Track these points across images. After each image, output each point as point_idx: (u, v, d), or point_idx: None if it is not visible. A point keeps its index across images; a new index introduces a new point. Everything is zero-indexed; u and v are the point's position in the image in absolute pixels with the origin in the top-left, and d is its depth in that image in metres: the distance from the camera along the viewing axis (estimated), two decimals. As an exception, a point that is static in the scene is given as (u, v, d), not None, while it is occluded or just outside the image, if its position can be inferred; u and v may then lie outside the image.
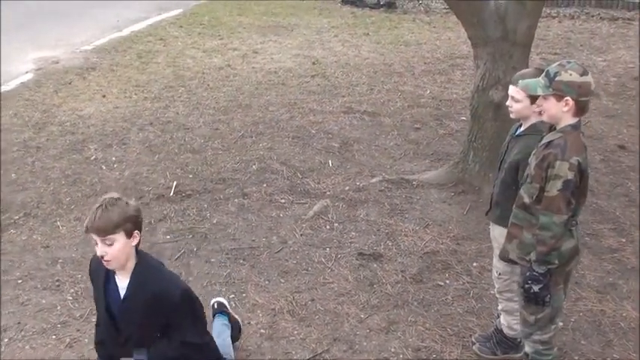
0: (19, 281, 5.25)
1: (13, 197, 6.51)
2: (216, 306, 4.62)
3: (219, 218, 6.16)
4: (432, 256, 5.65)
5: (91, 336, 4.61)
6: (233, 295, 5.10)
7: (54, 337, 4.66)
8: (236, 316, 4.62)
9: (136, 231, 3.54)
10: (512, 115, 4.19)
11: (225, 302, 4.69)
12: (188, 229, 5.98)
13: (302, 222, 6.12)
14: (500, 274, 4.34)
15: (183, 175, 6.98)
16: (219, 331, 4.37)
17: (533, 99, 3.97)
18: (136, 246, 3.59)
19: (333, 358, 4.50)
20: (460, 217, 6.24)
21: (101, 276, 3.64)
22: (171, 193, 6.59)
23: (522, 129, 4.16)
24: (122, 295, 3.60)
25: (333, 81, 10.25)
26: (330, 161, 7.38)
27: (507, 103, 4.16)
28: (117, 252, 3.48)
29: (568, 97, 3.58)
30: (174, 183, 6.77)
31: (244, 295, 5.12)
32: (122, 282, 3.60)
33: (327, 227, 6.05)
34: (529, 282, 3.72)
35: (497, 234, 4.27)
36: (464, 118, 8.45)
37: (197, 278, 5.29)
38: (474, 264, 5.55)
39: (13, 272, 5.36)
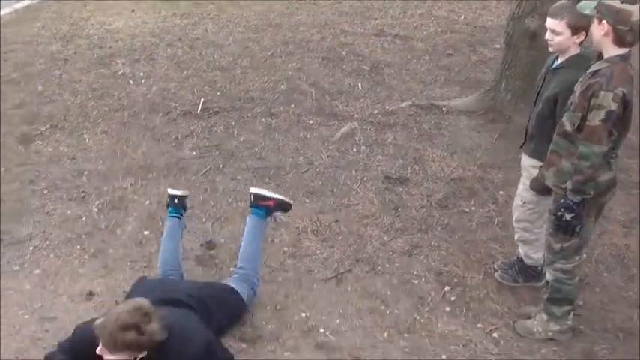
0: (45, 192, 5.33)
1: (40, 109, 6.54)
2: (252, 198, 4.51)
3: (246, 137, 6.17)
4: (459, 183, 5.63)
5: (115, 247, 4.72)
6: (258, 213, 5.14)
7: (79, 246, 4.75)
8: (278, 197, 4.52)
9: None
10: (551, 49, 4.10)
11: (263, 192, 4.53)
12: (215, 146, 6.00)
13: (329, 144, 6.11)
14: (525, 202, 4.33)
15: (211, 93, 6.96)
16: (253, 236, 4.41)
17: (574, 30, 3.90)
18: None
19: (355, 278, 4.56)
20: (489, 145, 6.19)
21: None
22: (199, 110, 6.58)
23: (559, 61, 4.07)
24: None
25: (366, 3, 10.05)
26: (359, 84, 7.30)
27: (547, 36, 4.06)
28: None
29: (604, 21, 3.51)
30: (202, 100, 6.75)
31: (269, 214, 5.16)
32: None
33: (354, 150, 6.03)
34: (562, 210, 3.71)
35: (529, 165, 4.24)
36: (497, 45, 8.27)
37: (222, 195, 5.34)
38: (501, 192, 5.53)
39: (39, 183, 5.43)
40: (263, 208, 4.46)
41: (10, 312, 4.13)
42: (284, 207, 4.54)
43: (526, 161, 4.30)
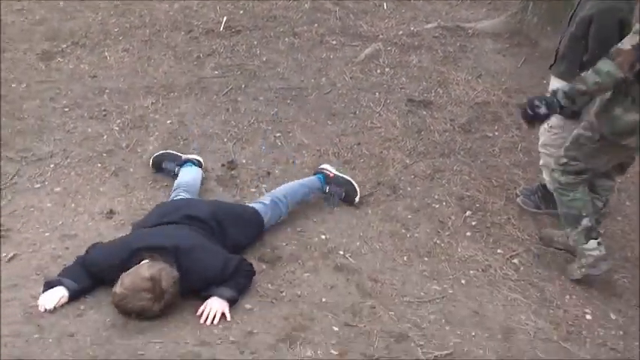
0: (66, 109, 5.22)
1: (61, 25, 6.37)
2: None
3: (268, 56, 6.00)
4: (483, 107, 5.48)
5: (136, 166, 4.66)
6: (279, 134, 5.05)
7: (99, 165, 4.69)
8: (344, 176, 4.51)
9: None
10: None
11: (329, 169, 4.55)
12: (237, 65, 5.85)
13: (352, 65, 5.94)
14: (551, 127, 4.20)
15: (233, 11, 6.73)
16: (300, 184, 4.39)
17: None
18: None
19: (376, 201, 4.48)
20: (514, 70, 6.01)
21: None
22: (221, 28, 6.38)
23: None
24: None
25: None
26: (384, 4, 7.05)
27: None
28: None
29: None
30: (225, 18, 6.54)
31: (290, 134, 5.06)
32: None
33: (378, 71, 5.86)
34: (544, 102, 3.66)
35: (558, 87, 4.08)
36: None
37: (244, 115, 5.23)
38: (525, 118, 5.38)
39: (60, 100, 5.32)
40: (323, 175, 4.47)
41: (30, 229, 4.09)
42: (348, 188, 4.45)
43: (555, 83, 4.14)
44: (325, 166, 4.55)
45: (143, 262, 3.44)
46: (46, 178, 4.52)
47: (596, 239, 3.97)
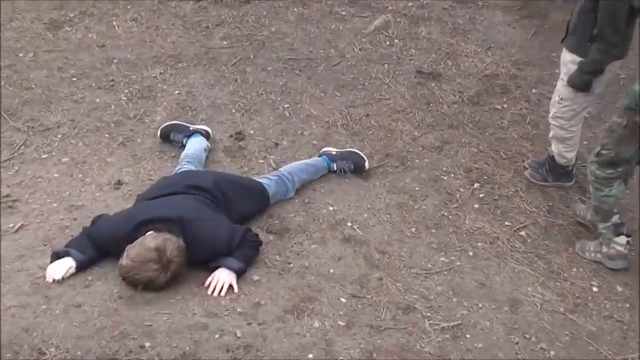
0: (74, 79, 5.15)
1: (70, -6, 6.30)
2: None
3: (277, 26, 5.90)
4: (492, 79, 5.40)
5: (144, 136, 4.60)
6: (288, 105, 4.98)
7: (107, 135, 4.63)
8: (347, 149, 4.47)
9: None
10: None
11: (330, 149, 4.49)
12: (245, 35, 5.76)
13: (362, 36, 5.84)
14: (562, 99, 4.11)
15: (242, -19, 6.64)
16: (305, 163, 4.32)
17: None
18: None
19: (384, 173, 4.42)
20: (523, 42, 5.91)
21: None
22: (230, -2, 6.30)
23: None
24: None
25: None
26: (394, -25, 6.94)
27: None
28: None
29: None
30: (233, -12, 6.45)
31: (299, 105, 4.99)
32: None
33: (387, 43, 5.77)
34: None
35: (569, 60, 4.00)
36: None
37: (252, 86, 5.15)
38: (534, 90, 5.31)
39: (68, 70, 5.24)
40: (327, 155, 4.40)
41: (38, 200, 4.04)
42: (354, 158, 4.38)
43: (566, 56, 4.04)
44: (326, 149, 4.47)
45: (148, 233, 3.39)
46: (53, 148, 4.46)
47: (627, 236, 3.90)
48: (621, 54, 3.97)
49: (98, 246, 3.54)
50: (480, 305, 3.59)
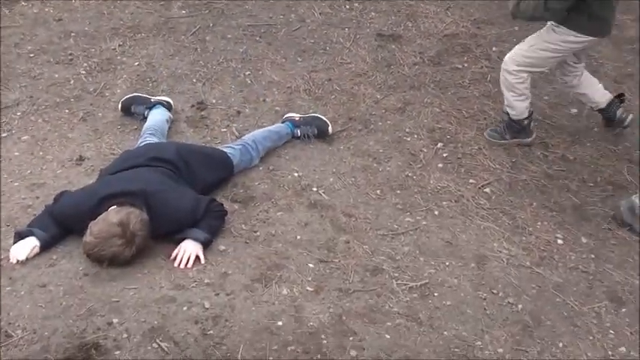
0: (31, 55, 4.94)
1: (24, -32, 6.05)
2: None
3: (236, -6, 5.75)
4: (452, 39, 5.32)
5: (105, 110, 4.45)
6: (249, 73, 4.85)
7: (67, 110, 4.46)
8: (310, 114, 4.37)
9: None
10: None
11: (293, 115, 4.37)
12: (204, 4, 5.57)
13: (321, 0, 5.70)
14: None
15: (198, -51, 6.44)
16: (269, 130, 4.21)
17: None
18: None
19: (347, 137, 4.33)
20: (482, 1, 5.80)
21: None
22: (187, -33, 6.10)
23: None
24: None
25: None
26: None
27: None
28: None
29: None
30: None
31: (260, 72, 4.87)
32: None
33: (347, 7, 5.64)
34: None
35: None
36: None
37: (213, 54, 5.01)
38: (494, 48, 5.24)
39: (25, 46, 5.03)
40: (290, 121, 4.28)
41: (-2, 180, 3.90)
42: (318, 123, 4.27)
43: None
44: (288, 114, 4.36)
45: (111, 208, 3.28)
46: (13, 126, 4.28)
47: None
48: (602, 31, 3.94)
49: (62, 223, 3.42)
50: (447, 263, 3.54)
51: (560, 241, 3.77)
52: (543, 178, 4.15)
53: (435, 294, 3.37)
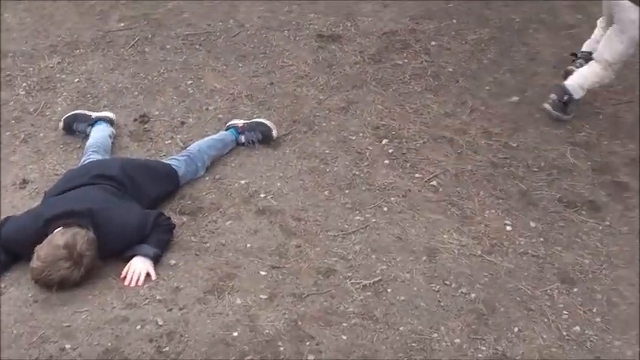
0: (-34, 80, 4.82)
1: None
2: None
3: (174, 3, 5.64)
4: (391, 36, 5.30)
5: (46, 130, 4.34)
6: (190, 82, 4.77)
7: (8, 133, 4.33)
8: (254, 120, 4.31)
9: None
10: None
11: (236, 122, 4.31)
12: (142, 15, 5.48)
13: (259, 5, 5.64)
14: None
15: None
16: (213, 139, 4.14)
17: None
18: None
19: (293, 139, 4.29)
20: (419, -4, 5.81)
21: None
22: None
23: None
24: None
25: None
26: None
27: None
28: None
29: None
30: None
31: (202, 80, 4.79)
32: None
33: (286, 9, 5.59)
34: None
35: None
36: None
37: (153, 66, 4.93)
38: (432, 43, 5.23)
39: (-40, 69, 4.91)
40: (234, 128, 4.22)
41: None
42: (262, 129, 4.21)
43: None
44: (232, 121, 4.29)
45: (56, 230, 3.19)
46: (-48, 153, 4.16)
47: None
48: None
49: (8, 250, 3.32)
50: (399, 259, 3.52)
51: (509, 228, 3.77)
52: (489, 166, 4.15)
53: (389, 290, 3.34)
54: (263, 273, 3.39)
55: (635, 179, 4.07)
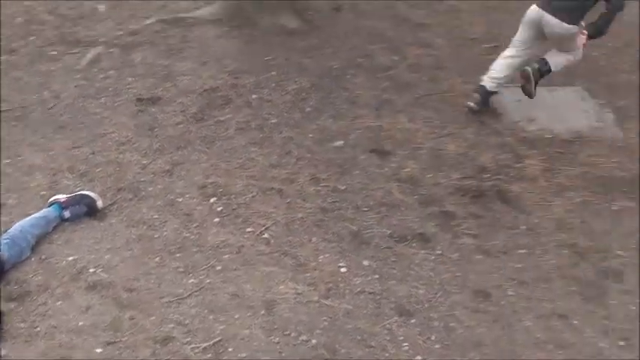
0: None
1: None
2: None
3: (-17, 81, 5.41)
4: (212, 93, 5.33)
5: None
6: (8, 161, 4.53)
7: None
8: (77, 193, 4.17)
9: None
10: None
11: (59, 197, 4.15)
12: (-50, 96, 5.20)
13: (75, 73, 5.53)
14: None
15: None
16: (35, 218, 3.96)
17: None
18: None
19: (118, 208, 4.20)
20: (237, 52, 5.91)
21: None
22: None
23: None
24: None
25: None
26: (99, 6, 6.64)
27: None
28: None
29: None
30: None
31: (20, 158, 4.58)
32: None
33: (102, 76, 5.50)
34: None
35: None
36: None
37: (-34, 148, 4.67)
38: (254, 96, 5.32)
39: None
40: (57, 203, 4.07)
41: None
42: (86, 201, 4.09)
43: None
44: (54, 197, 4.15)
45: None
46: None
47: None
48: None
49: None
50: (237, 316, 3.51)
51: (343, 270, 3.86)
52: (319, 212, 4.24)
53: (230, 349, 3.33)
54: (99, 350, 3.27)
55: (461, 207, 4.31)
